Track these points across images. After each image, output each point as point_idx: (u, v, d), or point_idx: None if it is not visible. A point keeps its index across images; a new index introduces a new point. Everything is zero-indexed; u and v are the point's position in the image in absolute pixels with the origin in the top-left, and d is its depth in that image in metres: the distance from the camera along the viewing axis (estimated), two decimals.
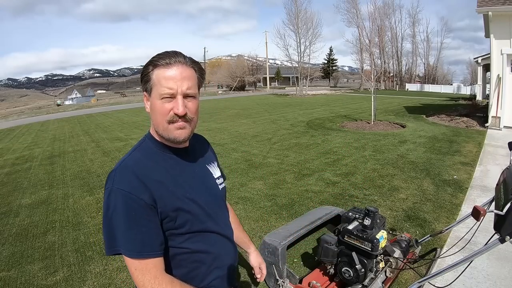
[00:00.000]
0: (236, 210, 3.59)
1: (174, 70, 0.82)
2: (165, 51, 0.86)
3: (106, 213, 0.79)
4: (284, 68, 67.00)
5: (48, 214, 3.90)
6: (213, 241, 0.92)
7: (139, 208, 0.78)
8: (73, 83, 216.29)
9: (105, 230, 0.80)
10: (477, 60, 16.76)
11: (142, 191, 0.79)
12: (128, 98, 48.81)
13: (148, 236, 0.79)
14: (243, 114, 14.28)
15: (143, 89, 0.87)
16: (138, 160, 0.86)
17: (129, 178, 0.80)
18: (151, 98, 0.85)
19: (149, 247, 0.79)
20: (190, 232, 0.87)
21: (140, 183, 0.80)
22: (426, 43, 49.02)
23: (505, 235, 1.10)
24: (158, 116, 0.84)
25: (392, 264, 1.84)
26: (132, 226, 0.77)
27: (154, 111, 0.85)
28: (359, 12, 40.07)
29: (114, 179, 0.80)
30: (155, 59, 0.83)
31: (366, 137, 7.43)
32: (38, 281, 2.49)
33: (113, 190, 0.79)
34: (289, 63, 37.31)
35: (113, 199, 0.78)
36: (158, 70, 0.82)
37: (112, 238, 0.78)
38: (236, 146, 7.12)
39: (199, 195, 0.91)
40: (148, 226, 0.79)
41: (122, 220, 0.77)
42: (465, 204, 3.48)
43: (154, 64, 0.83)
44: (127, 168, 0.83)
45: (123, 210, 0.77)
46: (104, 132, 11.21)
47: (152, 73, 0.83)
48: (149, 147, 0.90)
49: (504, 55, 7.69)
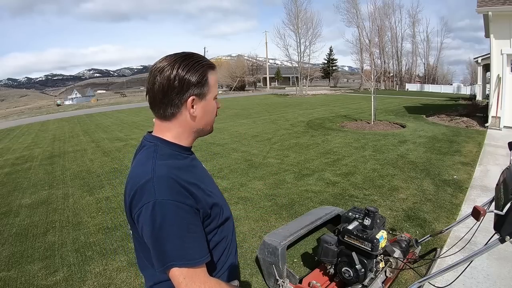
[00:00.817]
0: (236, 210, 3.59)
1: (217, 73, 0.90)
2: (196, 53, 0.88)
3: (153, 229, 0.74)
4: (284, 68, 67.03)
5: (48, 214, 3.90)
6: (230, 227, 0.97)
7: (188, 215, 0.76)
8: (73, 83, 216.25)
9: (155, 247, 0.75)
10: (477, 60, 16.76)
11: (186, 197, 0.77)
12: (128, 98, 48.83)
13: (201, 242, 0.78)
14: (243, 114, 14.28)
15: (195, 94, 0.83)
16: (169, 166, 0.82)
17: (171, 186, 0.76)
18: (205, 100, 0.86)
19: (203, 251, 0.78)
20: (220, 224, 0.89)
21: (181, 189, 0.77)
22: (426, 43, 49.06)
23: (505, 235, 1.10)
24: (211, 116, 0.91)
25: (392, 264, 1.84)
26: (185, 235, 0.75)
27: (208, 111, 0.89)
28: (359, 12, 40.08)
29: (155, 191, 0.75)
30: (209, 62, 0.87)
31: (366, 137, 7.43)
32: (38, 281, 2.49)
33: (157, 202, 0.74)
34: (289, 63, 37.37)
35: (159, 211, 0.73)
36: (212, 73, 0.86)
37: (163, 253, 0.74)
38: (236, 146, 7.12)
39: (214, 185, 0.95)
40: (198, 231, 0.78)
41: (173, 231, 0.74)
42: (465, 204, 3.48)
43: (211, 66, 0.86)
44: (164, 176, 0.78)
45: (174, 221, 0.74)
46: (104, 132, 11.21)
47: (209, 76, 0.86)
48: (166, 151, 0.86)
49: (504, 55, 7.69)
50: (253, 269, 2.46)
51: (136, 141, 8.75)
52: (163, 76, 0.80)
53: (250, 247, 2.80)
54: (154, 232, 0.74)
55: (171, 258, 0.73)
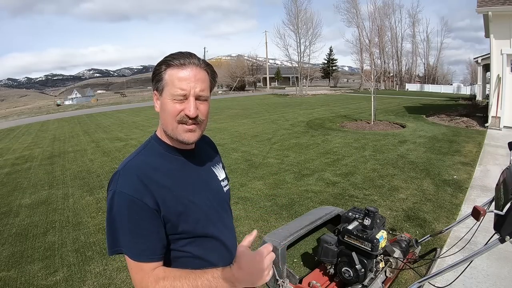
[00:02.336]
0: (236, 210, 3.59)
1: (188, 71, 0.81)
2: (179, 52, 0.85)
3: (109, 214, 0.79)
4: (284, 68, 67.03)
5: (48, 214, 3.90)
6: (212, 248, 0.90)
7: (142, 212, 0.77)
8: (73, 83, 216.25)
9: (108, 231, 0.80)
10: (477, 60, 16.76)
11: (145, 195, 0.78)
12: (128, 98, 48.82)
13: (149, 240, 0.78)
14: (243, 114, 14.28)
15: (154, 88, 0.86)
16: (142, 162, 0.85)
17: (133, 181, 0.79)
18: (162, 97, 0.84)
19: (149, 251, 0.78)
20: (192, 237, 0.86)
21: (143, 186, 0.79)
22: (426, 43, 49.05)
23: (505, 235, 1.10)
24: (168, 117, 0.83)
25: (392, 264, 1.84)
26: (133, 229, 0.77)
27: (164, 111, 0.84)
28: (359, 12, 40.07)
29: (118, 182, 0.80)
30: (169, 59, 0.83)
31: (366, 137, 7.43)
32: (38, 281, 2.49)
33: (116, 193, 0.78)
34: (289, 63, 37.32)
35: (116, 201, 0.78)
36: (171, 70, 0.82)
37: (114, 239, 0.78)
38: (236, 146, 7.12)
39: (203, 198, 0.90)
40: (150, 230, 0.78)
41: (124, 222, 0.77)
42: (465, 204, 3.48)
43: (168, 63, 0.82)
44: (131, 170, 0.82)
45: (126, 213, 0.77)
46: (104, 132, 11.21)
47: (164, 72, 0.82)
48: (155, 148, 0.89)
49: (504, 55, 7.69)
50: None
51: (136, 141, 8.76)
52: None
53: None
54: (110, 218, 0.79)
55: (119, 244, 0.78)
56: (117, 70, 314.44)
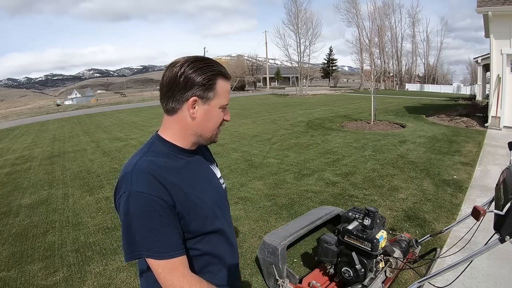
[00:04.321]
0: (236, 210, 3.59)
1: (229, 83, 0.91)
2: (212, 59, 0.88)
3: (125, 217, 0.77)
4: (284, 68, 66.97)
5: (48, 214, 3.90)
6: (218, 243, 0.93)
7: (162, 209, 0.77)
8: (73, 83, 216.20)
9: (125, 235, 0.77)
10: (477, 60, 16.77)
11: (162, 192, 0.78)
12: (128, 98, 48.82)
13: (173, 236, 0.79)
14: (243, 114, 14.28)
15: (198, 95, 0.84)
16: (151, 162, 0.85)
17: (148, 180, 0.79)
18: (208, 106, 0.86)
19: (175, 246, 0.79)
20: (201, 234, 0.87)
21: (159, 184, 0.79)
22: (426, 43, 49.13)
23: (505, 235, 1.10)
24: (213, 123, 0.89)
25: (392, 264, 1.84)
26: (155, 227, 0.76)
27: (210, 118, 0.88)
28: (359, 12, 40.11)
29: (132, 182, 0.78)
30: (221, 69, 0.86)
31: (366, 137, 7.43)
32: (38, 281, 2.49)
33: (132, 193, 0.77)
34: (289, 63, 37.32)
35: (133, 202, 0.76)
36: (222, 81, 0.86)
37: (133, 243, 0.76)
38: (236, 146, 7.12)
39: (209, 195, 0.93)
40: (172, 226, 0.79)
41: (144, 223, 0.76)
42: (465, 204, 3.48)
43: (222, 74, 0.86)
44: (143, 170, 0.81)
45: (146, 213, 0.76)
46: (104, 132, 11.20)
47: (216, 82, 0.85)
48: (160, 149, 0.90)
49: (504, 55, 7.69)
50: (253, 269, 2.46)
51: (136, 141, 8.76)
52: (172, 71, 0.83)
53: (250, 247, 2.80)
54: (126, 221, 0.77)
55: (138, 248, 0.76)
56: (117, 70, 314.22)
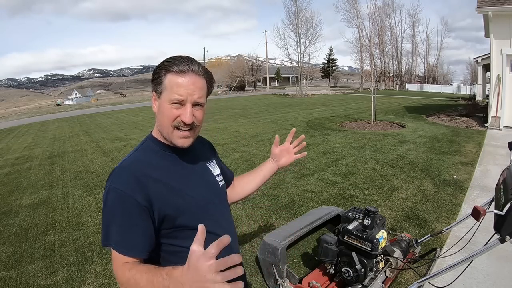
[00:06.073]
0: (236, 210, 3.59)
1: (187, 78, 0.84)
2: (179, 56, 0.86)
3: (104, 209, 0.84)
4: (284, 68, 66.97)
5: (48, 214, 3.90)
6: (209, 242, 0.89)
7: (132, 208, 0.80)
8: (73, 83, 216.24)
9: (103, 224, 0.84)
10: (477, 60, 16.77)
11: (137, 191, 0.81)
12: (128, 98, 48.85)
13: (138, 236, 0.81)
14: (243, 114, 14.28)
15: (153, 90, 0.88)
16: (137, 159, 0.88)
17: (126, 178, 0.83)
18: (160, 100, 0.87)
19: (136, 247, 0.81)
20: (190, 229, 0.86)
21: (137, 183, 0.82)
22: (426, 43, 49.10)
23: (505, 235, 1.10)
24: (165, 119, 0.86)
25: (392, 264, 1.84)
26: (124, 224, 0.81)
27: (161, 113, 0.87)
28: (359, 12, 40.10)
29: (113, 179, 0.84)
30: (169, 64, 0.84)
31: (366, 137, 7.43)
32: (38, 281, 2.49)
33: (110, 189, 0.82)
34: (289, 63, 37.30)
35: (110, 197, 0.82)
36: (171, 75, 0.84)
37: (106, 233, 0.83)
38: (236, 146, 7.12)
39: (198, 190, 0.93)
40: (139, 225, 0.81)
41: (116, 217, 0.81)
42: (465, 204, 3.48)
43: (168, 69, 0.84)
44: (126, 168, 0.86)
45: (118, 209, 0.81)
46: (104, 132, 11.21)
47: (164, 77, 0.85)
48: (150, 147, 0.93)
49: (504, 55, 7.69)
50: (253, 269, 2.46)
51: (136, 141, 8.75)
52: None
53: (250, 247, 2.80)
54: (104, 213, 0.84)
55: (110, 239, 0.82)
56: (117, 70, 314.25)
